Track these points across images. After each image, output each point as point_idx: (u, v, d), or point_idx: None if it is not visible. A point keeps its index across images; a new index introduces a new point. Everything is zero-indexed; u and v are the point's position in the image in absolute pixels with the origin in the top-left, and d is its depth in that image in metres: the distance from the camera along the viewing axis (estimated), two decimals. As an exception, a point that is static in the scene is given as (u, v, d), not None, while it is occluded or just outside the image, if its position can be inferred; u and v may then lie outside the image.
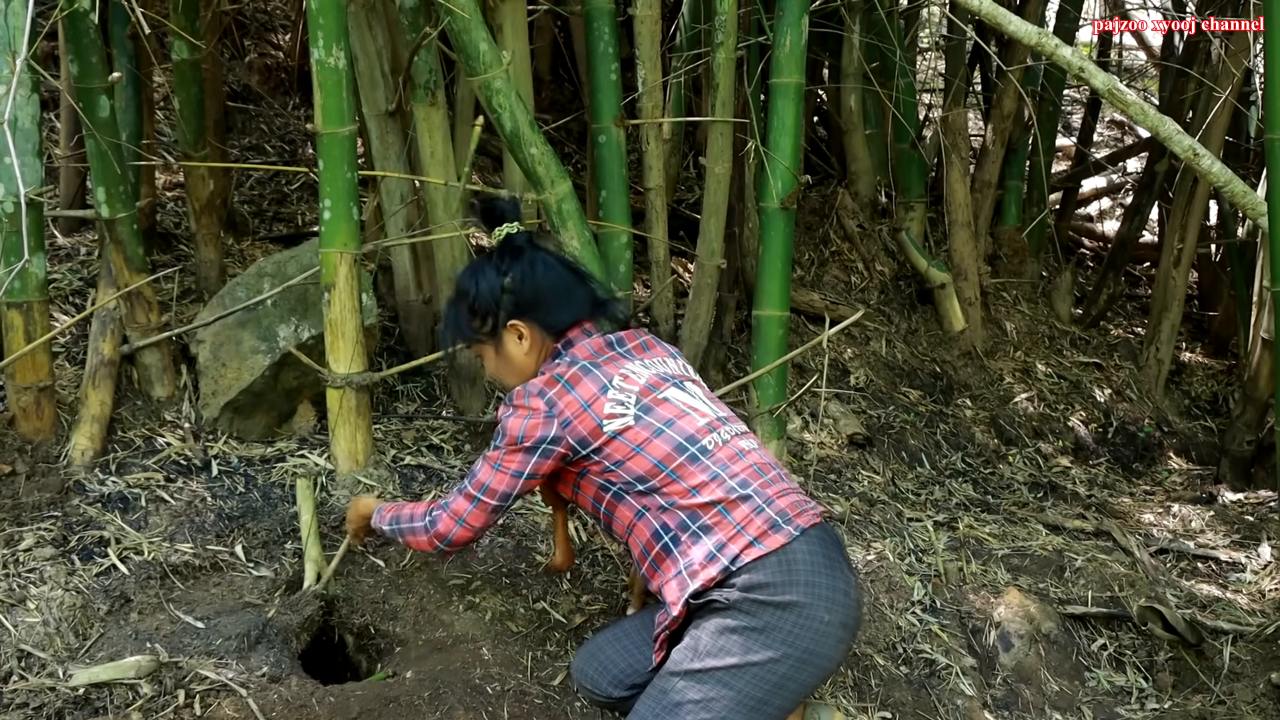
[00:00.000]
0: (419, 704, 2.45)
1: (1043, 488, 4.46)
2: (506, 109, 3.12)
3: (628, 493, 2.36)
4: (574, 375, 2.38)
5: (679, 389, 2.43)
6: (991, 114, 5.33)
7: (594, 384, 2.37)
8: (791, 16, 3.42)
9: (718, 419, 2.41)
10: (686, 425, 2.35)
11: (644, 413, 2.35)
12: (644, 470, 2.33)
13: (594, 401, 2.35)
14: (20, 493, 2.91)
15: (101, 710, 2.38)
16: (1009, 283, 5.47)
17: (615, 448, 2.34)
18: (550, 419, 2.35)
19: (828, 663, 2.28)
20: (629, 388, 2.38)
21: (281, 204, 4.51)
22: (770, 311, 3.55)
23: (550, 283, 2.48)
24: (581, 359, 2.42)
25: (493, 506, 2.44)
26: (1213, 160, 3.01)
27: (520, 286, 2.45)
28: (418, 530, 2.53)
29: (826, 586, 2.26)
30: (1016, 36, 3.02)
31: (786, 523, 2.29)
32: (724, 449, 2.35)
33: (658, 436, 2.33)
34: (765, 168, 3.52)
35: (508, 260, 2.48)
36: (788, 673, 2.24)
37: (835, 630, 2.26)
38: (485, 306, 2.48)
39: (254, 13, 5.42)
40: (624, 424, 2.34)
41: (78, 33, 3.06)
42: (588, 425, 2.34)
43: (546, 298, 2.47)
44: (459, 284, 2.56)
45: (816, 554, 2.29)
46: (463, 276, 2.56)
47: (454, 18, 3.00)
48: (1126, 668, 3.34)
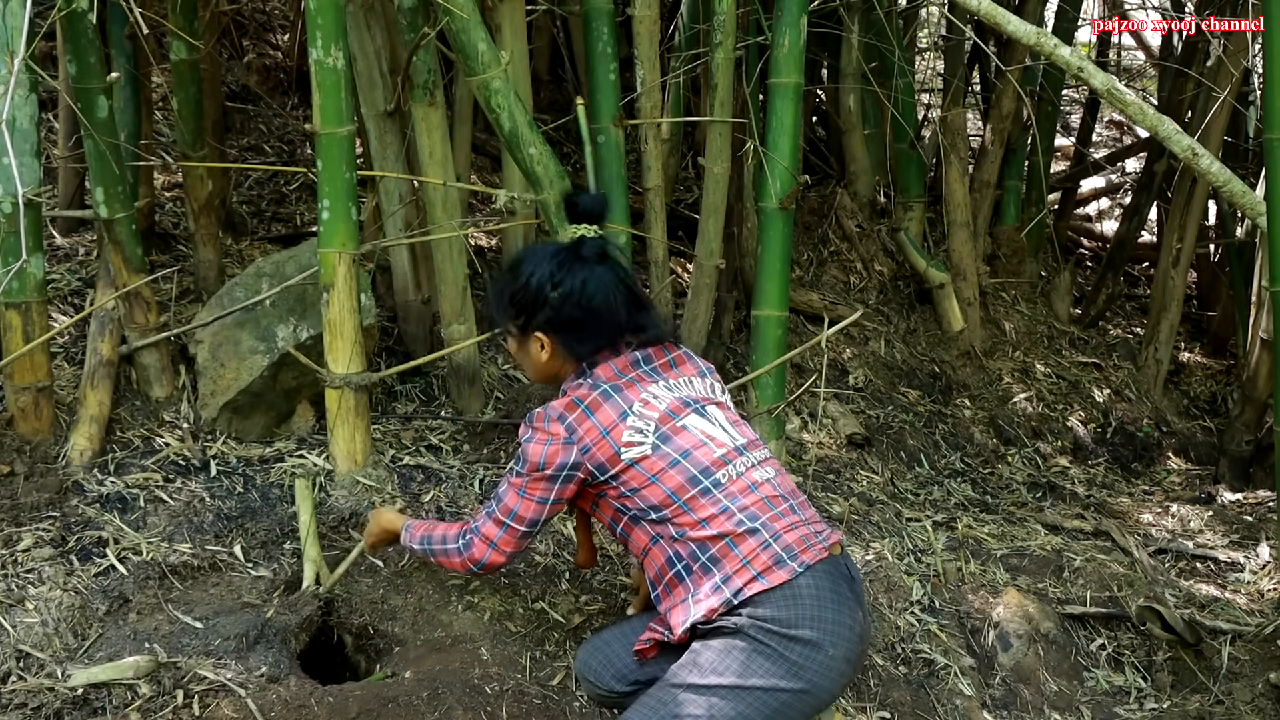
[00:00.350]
0: (418, 704, 2.44)
1: (1041, 488, 4.46)
2: (505, 109, 3.12)
3: (643, 519, 2.36)
4: (594, 400, 2.34)
5: (699, 415, 2.39)
6: (990, 114, 5.33)
7: (614, 410, 2.34)
8: (790, 16, 3.42)
9: (735, 449, 2.37)
10: (702, 456, 2.33)
11: (662, 441, 2.33)
12: (658, 500, 2.32)
13: (613, 429, 2.33)
14: (19, 493, 2.91)
15: (100, 710, 2.38)
16: (1008, 283, 5.48)
17: (632, 475, 2.33)
18: (570, 445, 2.33)
19: (827, 695, 2.30)
20: (649, 414, 2.35)
21: (280, 204, 4.51)
22: (769, 311, 3.55)
23: (596, 309, 2.40)
24: (604, 381, 2.38)
25: (522, 532, 2.44)
26: (1211, 160, 3.01)
27: (562, 305, 2.39)
28: (450, 553, 2.51)
29: (832, 621, 2.26)
30: (1015, 36, 3.02)
31: (791, 559, 2.28)
32: (737, 482, 2.33)
33: (673, 467, 2.32)
34: (764, 168, 3.51)
35: (567, 267, 2.40)
36: (790, 700, 2.25)
37: (839, 664, 2.27)
38: (523, 304, 2.44)
39: (252, 13, 5.41)
40: (641, 452, 2.32)
41: (76, 33, 3.05)
42: (606, 452, 2.33)
43: (583, 325, 2.40)
44: (517, 265, 2.48)
45: (824, 589, 2.28)
46: (524, 259, 2.48)
47: (452, 18, 3.00)
48: (1125, 668, 3.34)
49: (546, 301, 2.40)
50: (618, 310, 2.42)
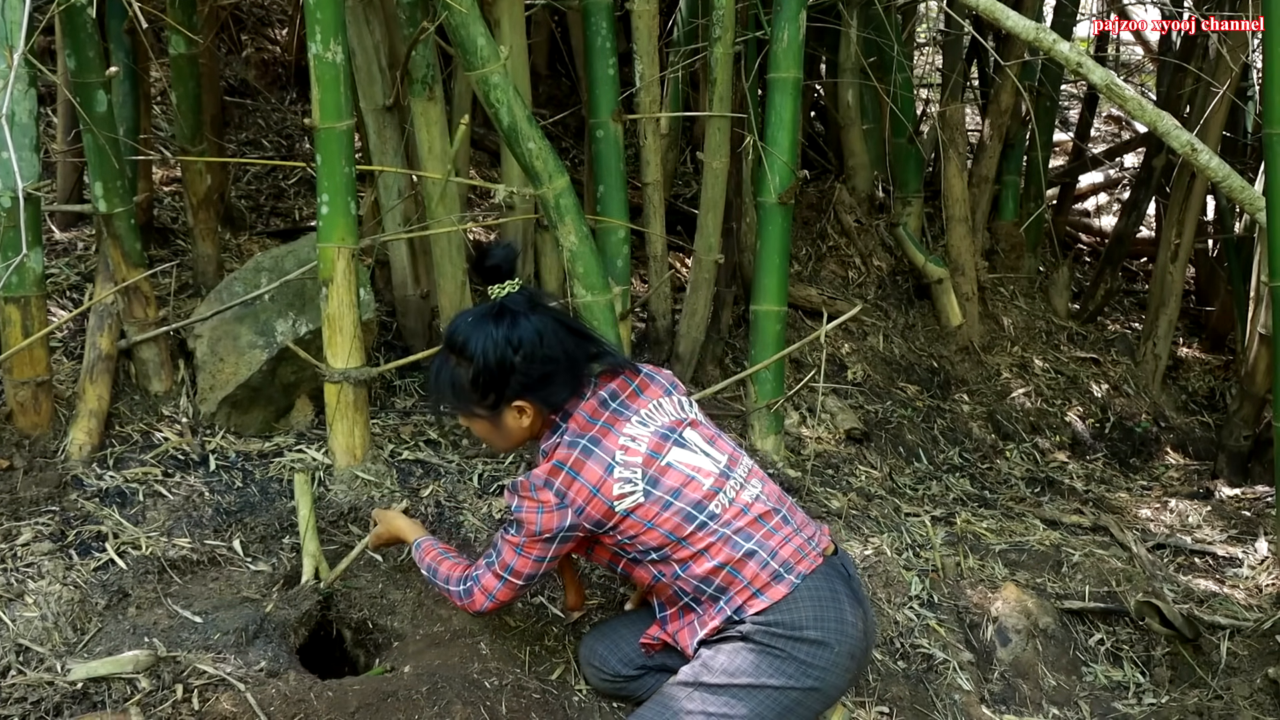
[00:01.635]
0: (417, 698, 2.45)
1: (1040, 483, 4.46)
2: (504, 104, 3.12)
3: (643, 560, 2.38)
4: (576, 460, 2.32)
5: (680, 447, 2.39)
6: (989, 109, 5.33)
7: (598, 465, 2.32)
8: (789, 11, 3.42)
9: (720, 474, 2.38)
10: (693, 493, 2.34)
11: (652, 486, 2.33)
12: (656, 542, 2.35)
13: (602, 485, 2.32)
14: (18, 487, 2.91)
15: (100, 705, 2.38)
16: (1006, 278, 5.48)
17: (629, 524, 2.34)
18: (564, 509, 2.33)
19: (836, 692, 2.36)
20: (632, 461, 2.33)
21: (279, 199, 4.51)
22: (768, 306, 3.55)
23: (557, 356, 2.36)
24: (581, 435, 2.35)
25: (520, 585, 2.46)
26: (1211, 155, 3.01)
27: (529, 366, 2.34)
28: (452, 593, 2.54)
29: (834, 620, 2.32)
30: (1014, 31, 3.02)
31: (788, 572, 2.33)
32: (730, 509, 2.36)
33: (666, 510, 2.33)
34: (763, 163, 3.51)
35: (513, 329, 2.34)
36: (800, 698, 2.30)
37: (844, 661, 2.32)
38: (490, 382, 2.36)
39: (251, 7, 5.40)
40: (635, 501, 2.33)
41: (75, 27, 3.05)
42: (600, 509, 2.33)
43: (554, 375, 2.37)
44: (462, 347, 2.38)
45: (820, 589, 2.33)
46: (467, 340, 2.37)
47: (451, 12, 3.00)
48: (1124, 663, 3.34)
49: (514, 368, 2.34)
50: (573, 348, 2.40)
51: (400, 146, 3.52)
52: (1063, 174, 6.58)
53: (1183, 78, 5.19)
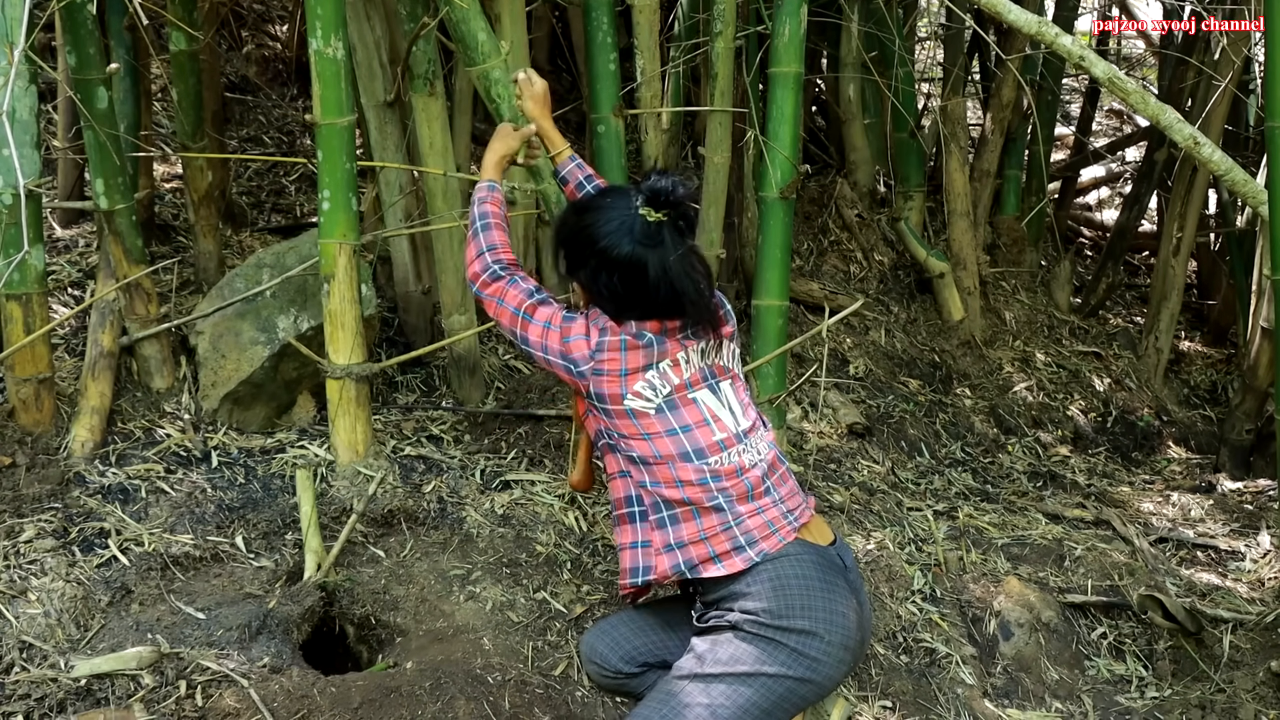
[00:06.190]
0: (420, 694, 2.45)
1: (1042, 477, 4.46)
2: (505, 99, 3.11)
3: (619, 450, 2.36)
4: (632, 342, 2.32)
5: (713, 392, 2.39)
6: (990, 103, 5.32)
7: (644, 358, 2.32)
8: (790, 5, 3.41)
9: (735, 435, 2.37)
10: (701, 436, 2.34)
11: (668, 408, 2.34)
12: (643, 453, 2.34)
13: (631, 375, 2.32)
14: (20, 484, 2.91)
15: (103, 701, 2.38)
16: (1008, 272, 5.47)
17: (624, 422, 2.34)
18: (590, 357, 2.32)
19: (829, 682, 2.33)
20: (670, 377, 2.34)
21: (280, 195, 4.51)
22: (769, 301, 3.55)
23: (634, 291, 2.32)
24: (649, 332, 2.33)
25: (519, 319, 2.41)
26: (1213, 148, 3.00)
27: (595, 278, 2.32)
28: (472, 258, 2.49)
29: (824, 610, 2.30)
30: (1016, 25, 3.02)
31: (750, 545, 2.31)
32: (726, 468, 2.35)
33: (669, 436, 2.33)
34: (764, 157, 3.51)
35: (630, 241, 2.30)
36: (793, 686, 2.29)
37: (837, 651, 2.30)
38: (568, 245, 2.38)
39: (251, 3, 5.40)
40: (643, 408, 2.33)
41: (75, 24, 3.05)
42: (612, 388, 2.33)
43: (619, 298, 2.33)
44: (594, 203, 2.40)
45: (812, 579, 2.32)
46: (602, 202, 2.37)
47: (452, 7, 2.99)
48: (1126, 656, 3.34)
49: (587, 264, 2.34)
50: (671, 296, 2.33)
51: (401, 142, 3.52)
52: (1064, 168, 6.57)
53: (1185, 71, 5.18)
